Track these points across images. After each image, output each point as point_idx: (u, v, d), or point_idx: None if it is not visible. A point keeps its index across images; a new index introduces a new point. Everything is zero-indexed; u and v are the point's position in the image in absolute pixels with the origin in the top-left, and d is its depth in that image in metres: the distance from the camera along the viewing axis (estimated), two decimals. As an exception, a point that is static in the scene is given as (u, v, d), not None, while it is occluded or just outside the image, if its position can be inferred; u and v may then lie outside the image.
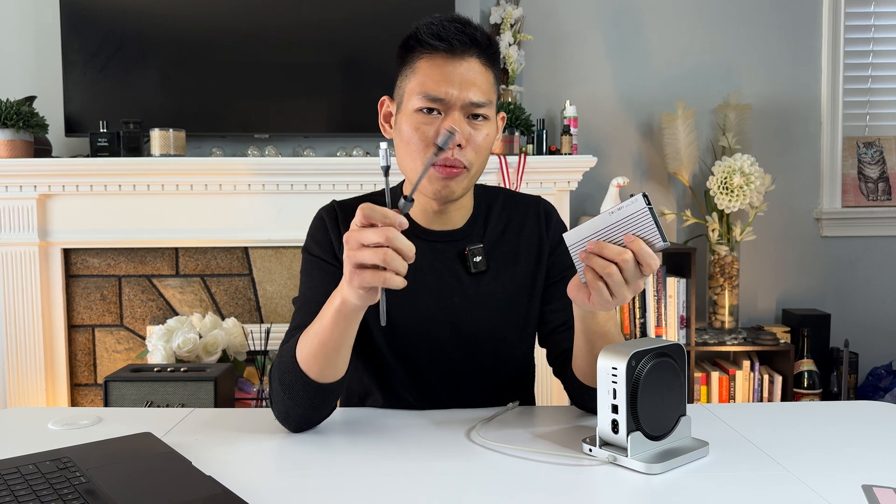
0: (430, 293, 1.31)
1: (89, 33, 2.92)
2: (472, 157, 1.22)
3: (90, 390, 2.96)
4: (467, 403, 1.32)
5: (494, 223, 1.37)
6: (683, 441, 1.07)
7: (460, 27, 1.20)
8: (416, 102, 1.20)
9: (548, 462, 1.04)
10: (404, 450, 1.09)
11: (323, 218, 1.34)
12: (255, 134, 3.01)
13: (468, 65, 1.20)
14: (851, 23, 3.32)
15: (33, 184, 2.79)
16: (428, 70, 1.20)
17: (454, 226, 1.34)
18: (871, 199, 3.36)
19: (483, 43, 1.21)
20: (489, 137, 1.24)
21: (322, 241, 1.32)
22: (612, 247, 0.97)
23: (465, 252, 1.32)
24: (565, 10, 3.26)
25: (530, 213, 1.39)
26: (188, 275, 2.95)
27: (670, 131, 3.14)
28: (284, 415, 1.15)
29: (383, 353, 1.32)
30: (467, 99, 1.19)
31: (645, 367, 1.01)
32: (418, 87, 1.20)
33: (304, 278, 1.32)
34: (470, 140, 1.21)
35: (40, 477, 0.94)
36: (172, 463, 1.01)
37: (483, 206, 1.38)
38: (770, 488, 0.95)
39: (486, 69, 1.23)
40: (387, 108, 1.32)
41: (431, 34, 1.19)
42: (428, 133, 1.20)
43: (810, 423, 1.22)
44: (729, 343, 3.02)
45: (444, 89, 1.19)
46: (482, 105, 1.21)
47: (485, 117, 1.22)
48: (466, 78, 1.19)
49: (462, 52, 1.20)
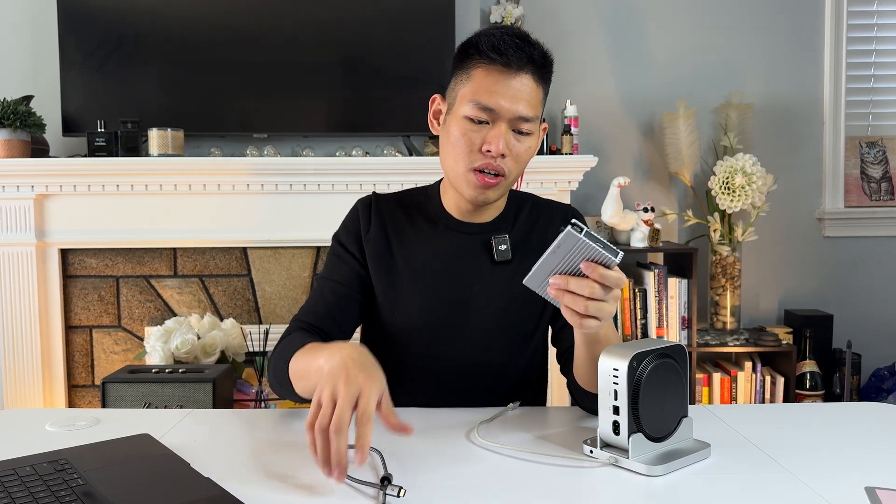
0: (453, 280, 1.36)
1: (87, 32, 2.91)
2: (512, 165, 1.28)
3: (88, 391, 2.95)
4: (477, 400, 1.33)
5: (523, 222, 1.42)
6: (685, 442, 1.07)
7: (519, 43, 1.24)
8: (467, 109, 1.26)
9: (548, 463, 1.04)
10: (404, 450, 1.09)
11: (358, 207, 1.42)
12: (253, 134, 2.99)
13: (521, 80, 1.25)
14: (854, 21, 3.30)
15: (30, 184, 2.78)
16: (483, 79, 1.25)
17: (483, 220, 1.39)
18: (873, 199, 3.35)
19: (539, 61, 1.26)
20: (531, 150, 1.30)
21: (351, 228, 1.40)
22: (576, 281, 1.00)
23: (490, 241, 1.38)
24: (566, 9, 3.25)
25: (556, 217, 1.44)
26: (186, 275, 2.94)
27: (672, 131, 3.13)
28: (277, 388, 1.25)
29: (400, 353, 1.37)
30: (516, 112, 1.24)
31: (646, 369, 1.01)
32: (472, 94, 1.25)
33: (327, 260, 1.41)
34: (513, 151, 1.26)
35: (37, 479, 0.94)
36: (171, 464, 1.01)
37: (514, 206, 1.44)
38: (772, 490, 0.95)
39: (538, 86, 1.27)
40: (437, 106, 1.37)
41: (491, 46, 1.24)
42: (474, 140, 1.26)
43: (813, 424, 1.22)
44: (731, 344, 3.01)
45: (496, 100, 1.24)
46: (529, 120, 1.26)
47: (529, 131, 1.28)
48: (518, 92, 1.24)
49: (518, 68, 1.24)
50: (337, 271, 1.38)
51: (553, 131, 3.20)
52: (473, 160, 1.26)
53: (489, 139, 1.24)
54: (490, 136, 1.24)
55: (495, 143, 1.23)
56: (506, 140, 1.24)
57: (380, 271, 1.37)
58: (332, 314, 1.35)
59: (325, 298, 1.36)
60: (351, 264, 1.38)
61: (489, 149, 1.24)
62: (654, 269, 3.00)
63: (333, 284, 1.37)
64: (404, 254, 1.37)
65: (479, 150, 1.25)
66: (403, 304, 1.35)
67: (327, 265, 1.41)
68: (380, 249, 1.37)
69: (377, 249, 1.37)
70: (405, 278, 1.36)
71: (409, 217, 1.40)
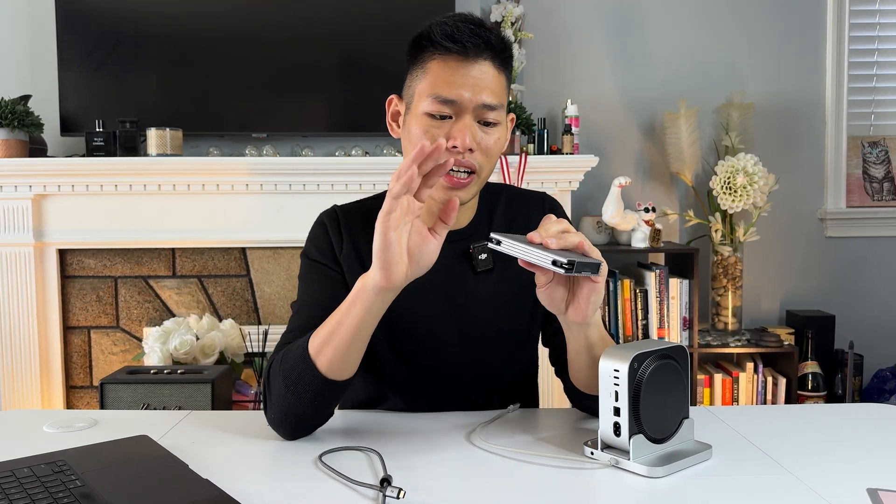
0: (436, 294, 1.28)
1: (85, 31, 2.91)
2: (483, 160, 1.20)
3: (86, 393, 2.94)
4: (471, 405, 1.30)
5: (499, 221, 1.35)
6: (686, 444, 1.06)
7: (474, 28, 1.17)
8: (426, 104, 1.18)
9: (549, 465, 1.03)
10: (403, 452, 1.08)
11: (324, 222, 1.32)
12: (253, 133, 2.99)
13: (481, 67, 1.18)
14: (856, 20, 3.29)
15: (28, 184, 2.78)
16: (440, 71, 1.18)
17: (458, 225, 1.31)
18: (875, 199, 3.35)
19: (497, 46, 1.19)
20: (500, 142, 1.22)
21: (323, 246, 1.30)
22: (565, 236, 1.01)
23: (469, 250, 1.30)
24: (567, 8, 3.25)
25: (535, 209, 1.37)
26: (185, 276, 2.94)
27: (673, 131, 3.12)
28: (283, 415, 1.13)
29: (385, 357, 1.30)
30: (479, 101, 1.17)
31: (647, 370, 1.00)
32: (430, 88, 1.18)
33: (303, 284, 1.29)
34: (481, 144, 1.19)
35: (35, 480, 0.94)
36: (169, 466, 1.01)
37: (487, 204, 1.36)
38: (774, 492, 0.94)
39: (499, 72, 1.20)
40: (395, 107, 1.29)
41: (445, 35, 1.17)
42: (437, 136, 1.17)
43: (815, 425, 1.21)
44: (732, 345, 3.00)
45: (457, 91, 1.16)
46: (494, 108, 1.18)
47: (496, 121, 1.20)
48: (480, 80, 1.17)
49: (475, 55, 1.17)
50: (321, 285, 1.26)
51: (554, 131, 3.20)
52: (439, 159, 1.18)
53: (454, 134, 1.16)
54: (454, 131, 1.16)
55: (461, 136, 1.15)
56: (472, 133, 1.16)
57: None
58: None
59: (312, 316, 1.20)
60: (335, 278, 1.27)
61: (455, 144, 1.15)
62: (656, 270, 2.99)
63: (321, 298, 1.24)
64: None
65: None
66: (386, 322, 1.18)
67: (305, 286, 1.28)
68: (354, 267, 1.27)
69: (352, 267, 1.27)
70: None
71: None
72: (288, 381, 1.10)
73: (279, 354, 1.16)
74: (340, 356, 1.09)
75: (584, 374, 1.16)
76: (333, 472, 1.00)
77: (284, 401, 1.11)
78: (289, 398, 1.11)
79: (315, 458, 1.05)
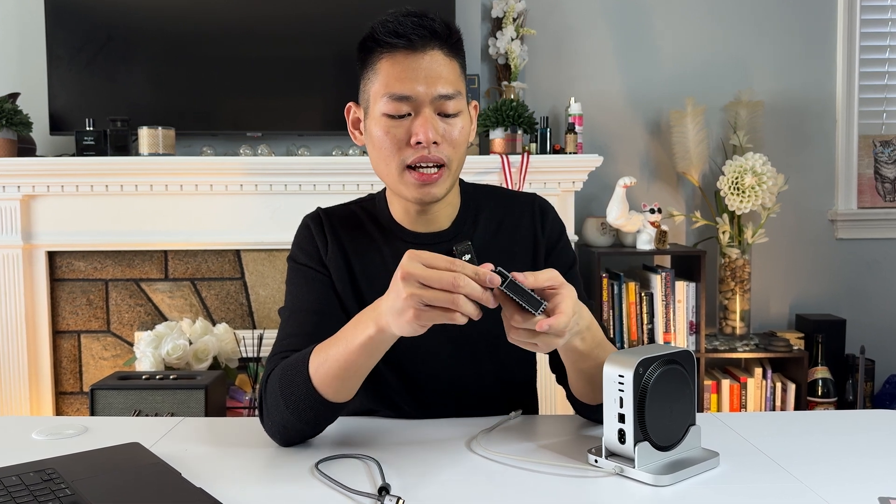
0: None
1: (75, 27, 2.89)
2: (450, 152, 1.20)
3: (76, 399, 2.93)
4: (467, 413, 1.29)
5: (485, 224, 1.33)
6: (693, 451, 1.06)
7: (417, 20, 1.17)
8: (383, 105, 1.18)
9: (552, 473, 1.03)
10: (403, 460, 1.08)
11: (309, 225, 1.32)
12: (247, 132, 2.98)
13: (431, 57, 1.18)
14: (867, 17, 3.29)
15: (17, 184, 2.77)
16: (390, 69, 1.18)
17: (440, 226, 1.30)
18: (887, 200, 3.35)
19: (443, 33, 1.19)
20: (465, 131, 1.22)
21: (309, 250, 1.30)
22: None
23: (452, 252, 1.24)
24: (570, 4, 3.24)
25: (525, 213, 1.35)
26: (178, 279, 2.93)
27: (679, 129, 3.11)
28: (281, 427, 1.13)
29: (379, 368, 1.24)
30: (435, 93, 1.17)
31: (653, 375, 0.99)
32: (383, 88, 1.18)
33: (291, 288, 1.30)
34: (445, 136, 1.19)
35: (24, 489, 0.94)
36: (161, 474, 1.01)
37: (472, 206, 1.34)
38: (783, 501, 0.94)
39: (451, 59, 1.20)
40: (354, 115, 1.30)
41: (388, 32, 1.17)
42: (399, 135, 1.18)
43: (825, 432, 1.21)
44: (740, 350, 2.99)
45: (411, 86, 1.16)
46: (451, 97, 1.18)
47: (456, 111, 1.20)
48: (432, 71, 1.17)
49: (423, 46, 1.17)
50: (310, 289, 1.27)
51: (557, 130, 3.19)
52: (405, 157, 1.18)
53: (415, 129, 1.16)
54: (416, 126, 1.16)
55: (423, 131, 1.15)
56: (434, 126, 1.16)
57: (346, 295, 1.27)
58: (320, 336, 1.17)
59: (305, 322, 1.22)
60: (322, 280, 1.27)
61: (418, 139, 1.15)
62: (661, 273, 2.98)
63: (310, 302, 1.25)
64: (367, 277, 1.27)
65: (408, 144, 1.17)
66: None
67: (294, 290, 1.29)
68: (341, 270, 1.27)
69: (338, 270, 1.27)
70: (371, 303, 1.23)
71: (365, 234, 1.30)
72: (287, 400, 1.11)
73: (277, 369, 1.15)
74: (346, 388, 1.10)
75: (581, 386, 1.16)
76: (330, 480, 1.00)
77: (282, 416, 1.12)
78: (287, 415, 1.11)
79: (311, 466, 1.05)
